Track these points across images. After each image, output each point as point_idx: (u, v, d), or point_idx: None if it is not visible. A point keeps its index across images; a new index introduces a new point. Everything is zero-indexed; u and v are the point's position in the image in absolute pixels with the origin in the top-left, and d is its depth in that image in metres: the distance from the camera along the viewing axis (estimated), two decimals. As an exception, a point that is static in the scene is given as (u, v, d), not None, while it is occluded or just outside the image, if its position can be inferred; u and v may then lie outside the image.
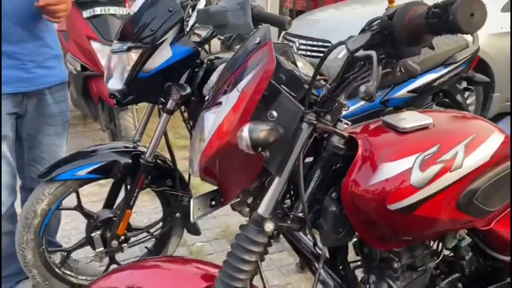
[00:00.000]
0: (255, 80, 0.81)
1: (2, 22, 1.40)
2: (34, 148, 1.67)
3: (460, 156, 0.92)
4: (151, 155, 1.63)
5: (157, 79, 1.52)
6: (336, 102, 0.85)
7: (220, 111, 0.87)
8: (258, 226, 0.88)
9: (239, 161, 0.88)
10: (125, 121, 2.89)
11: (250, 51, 0.87)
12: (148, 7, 1.48)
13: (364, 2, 4.23)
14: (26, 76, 1.51)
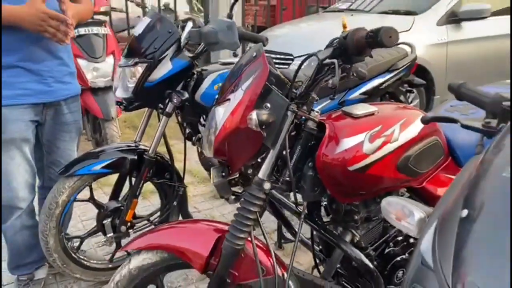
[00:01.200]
0: (255, 82, 1.17)
1: (28, 45, 1.67)
2: (52, 152, 1.92)
3: (397, 132, 1.32)
4: (153, 152, 1.94)
5: (159, 88, 1.85)
6: (310, 96, 1.22)
7: (229, 105, 1.22)
8: (259, 186, 1.23)
9: (244, 140, 1.22)
10: (110, 130, 3.17)
11: (249, 61, 1.23)
12: (151, 29, 1.82)
13: (317, 19, 4.71)
14: (47, 89, 1.76)
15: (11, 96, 1.68)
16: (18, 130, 1.73)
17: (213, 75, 1.97)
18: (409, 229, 1.04)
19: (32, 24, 1.55)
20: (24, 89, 1.70)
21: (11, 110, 1.69)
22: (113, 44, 3.31)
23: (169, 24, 1.83)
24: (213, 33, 1.73)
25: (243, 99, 1.18)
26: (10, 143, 1.73)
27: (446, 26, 3.84)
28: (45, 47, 1.71)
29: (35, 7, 1.54)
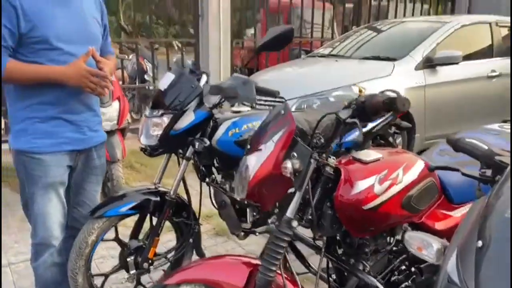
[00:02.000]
0: (284, 135, 1.39)
1: (70, 100, 1.85)
2: (78, 194, 2.05)
3: (401, 175, 1.55)
4: (174, 193, 2.12)
5: (182, 136, 2.05)
6: (329, 147, 1.45)
7: (260, 154, 1.43)
8: (288, 223, 1.43)
9: (275, 184, 1.43)
10: (116, 171, 3.33)
11: (277, 117, 1.45)
12: (175, 84, 2.04)
13: (302, 64, 5.04)
14: (82, 138, 1.93)
15: (53, 144, 1.85)
16: (57, 175, 1.89)
17: (227, 122, 2.19)
18: (428, 257, 1.26)
19: (77, 81, 1.76)
20: (64, 138, 1.87)
21: (52, 157, 1.85)
22: (118, 90, 3.51)
23: (191, 80, 2.06)
24: (233, 88, 1.96)
25: (275, 150, 1.40)
26: (50, 186, 1.88)
27: (423, 70, 4.20)
28: (82, 101, 1.90)
29: (78, 67, 1.76)
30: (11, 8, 1.69)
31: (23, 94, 1.80)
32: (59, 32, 1.76)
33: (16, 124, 1.84)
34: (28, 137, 1.82)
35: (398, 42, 4.71)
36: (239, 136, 2.16)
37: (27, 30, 1.71)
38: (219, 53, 5.82)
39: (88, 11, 1.89)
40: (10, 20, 1.69)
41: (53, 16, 1.75)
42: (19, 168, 1.88)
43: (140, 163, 4.55)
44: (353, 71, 4.25)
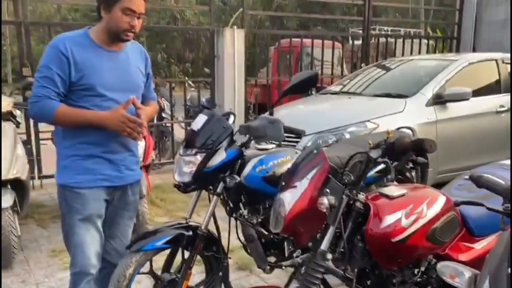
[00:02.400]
0: (318, 173, 1.53)
1: (110, 141, 2.00)
2: (112, 227, 2.18)
3: (425, 209, 1.67)
4: (205, 228, 2.23)
5: (214, 173, 2.18)
6: (359, 184, 1.58)
7: (296, 191, 1.56)
8: (322, 256, 1.53)
9: (311, 219, 1.55)
10: (142, 206, 3.45)
11: (310, 156, 1.59)
12: (207, 125, 2.19)
13: (315, 101, 5.20)
14: (119, 175, 2.07)
15: (92, 180, 2.00)
16: (95, 208, 2.03)
17: (254, 160, 2.32)
18: (460, 285, 1.35)
19: (115, 126, 1.93)
20: (103, 174, 2.02)
21: (91, 191, 2.00)
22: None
23: (223, 120, 2.22)
24: (261, 128, 2.11)
25: (309, 186, 1.53)
26: (88, 218, 2.01)
27: (434, 107, 4.35)
28: (121, 142, 2.06)
29: (118, 113, 1.93)
30: (64, 59, 1.89)
31: (68, 134, 1.98)
32: (104, 81, 1.95)
33: (61, 160, 2.02)
34: (70, 173, 1.98)
35: (408, 79, 4.89)
36: (266, 173, 2.29)
37: (77, 79, 1.90)
38: (234, 91, 6.04)
39: (133, 62, 2.08)
40: (63, 69, 1.89)
41: (101, 67, 1.94)
42: (62, 201, 2.04)
43: (160, 199, 4.67)
44: (365, 107, 4.41)
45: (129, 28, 1.94)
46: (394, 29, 14.80)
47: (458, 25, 8.08)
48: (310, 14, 16.87)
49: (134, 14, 1.93)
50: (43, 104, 1.88)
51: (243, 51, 6.04)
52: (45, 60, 1.90)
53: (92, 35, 1.98)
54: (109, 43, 1.99)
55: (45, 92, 1.87)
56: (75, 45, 1.92)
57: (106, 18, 1.94)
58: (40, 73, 1.90)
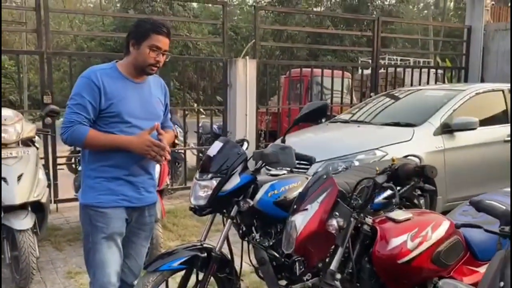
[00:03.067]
0: (328, 197, 1.63)
1: (132, 164, 2.14)
2: (127, 247, 2.28)
3: (430, 233, 1.75)
4: (219, 250, 2.33)
5: (229, 197, 2.30)
6: (366, 208, 1.68)
7: (306, 213, 1.66)
8: (332, 276, 1.62)
9: (321, 240, 1.65)
10: (156, 230, 3.54)
11: (320, 181, 1.70)
12: (223, 151, 2.32)
13: (325, 129, 5.30)
14: (139, 197, 2.21)
15: (115, 200, 2.13)
16: (117, 226, 2.16)
17: (266, 185, 2.43)
18: None
19: (141, 149, 2.08)
20: (124, 195, 2.16)
21: (113, 211, 2.13)
22: (159, 154, 3.82)
23: (237, 147, 2.34)
24: (274, 154, 2.23)
25: (319, 209, 1.63)
26: (111, 236, 2.13)
27: (441, 136, 4.44)
28: (142, 166, 2.20)
29: (143, 138, 2.08)
30: (96, 88, 2.06)
31: (94, 158, 2.13)
32: (130, 109, 2.12)
33: (87, 182, 2.15)
34: (95, 193, 2.12)
35: (416, 109, 5.00)
36: (278, 197, 2.40)
37: (106, 107, 2.08)
38: (245, 118, 6.20)
39: (155, 93, 2.26)
40: (94, 97, 2.06)
41: (127, 97, 2.12)
42: (85, 220, 2.16)
43: (173, 223, 4.77)
44: (374, 136, 4.52)
45: (155, 63, 2.12)
46: (404, 58, 15.04)
47: (466, 56, 8.24)
48: (320, 44, 17.29)
49: (159, 51, 2.11)
50: (75, 129, 2.02)
51: (255, 80, 6.23)
52: (78, 89, 2.07)
53: (120, 68, 2.16)
54: (135, 75, 2.16)
55: (78, 118, 2.03)
56: (106, 76, 2.09)
57: (134, 54, 2.12)
58: (73, 100, 2.06)
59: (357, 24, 19.88)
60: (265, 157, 2.28)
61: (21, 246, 3.13)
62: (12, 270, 3.31)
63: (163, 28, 2.13)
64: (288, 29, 8.61)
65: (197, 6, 24.16)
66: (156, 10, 18.83)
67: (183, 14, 19.37)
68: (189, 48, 19.22)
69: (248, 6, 27.53)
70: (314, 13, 22.74)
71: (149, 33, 2.09)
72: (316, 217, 1.61)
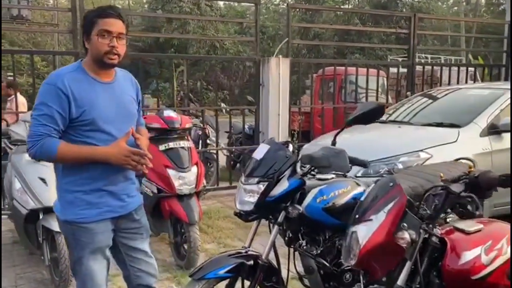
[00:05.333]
0: (396, 207, 1.50)
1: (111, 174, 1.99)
2: (130, 253, 2.18)
3: (505, 246, 1.60)
4: (266, 258, 2.22)
5: (276, 202, 2.19)
6: (437, 218, 1.54)
7: (371, 224, 1.54)
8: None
9: (387, 254, 1.52)
10: (193, 233, 3.48)
11: (385, 189, 1.57)
12: (270, 154, 2.21)
13: (362, 130, 5.13)
14: (122, 204, 2.07)
15: (98, 214, 2.00)
16: (103, 240, 2.04)
17: (315, 190, 2.30)
18: None
19: (119, 160, 1.93)
20: (107, 206, 2.02)
21: (97, 225, 2.00)
22: (196, 156, 3.75)
23: (285, 150, 2.23)
24: (326, 158, 2.10)
25: (387, 220, 1.50)
26: (97, 250, 2.03)
27: (488, 137, 4.21)
28: (122, 174, 2.05)
29: (120, 147, 1.93)
30: (63, 95, 1.86)
31: (69, 171, 1.97)
32: (103, 115, 1.94)
33: (64, 197, 2.00)
34: (76, 209, 1.97)
35: (460, 108, 4.78)
36: (326, 203, 2.27)
37: (77, 115, 1.89)
38: (278, 118, 6.08)
39: (127, 91, 2.09)
40: (62, 106, 1.87)
41: (98, 102, 1.93)
42: (68, 235, 2.06)
43: (207, 225, 4.70)
44: (416, 137, 4.33)
45: (110, 50, 1.91)
46: (434, 56, 14.63)
47: (507, 53, 7.89)
48: (348, 42, 17.01)
49: (111, 35, 1.91)
50: (44, 143, 1.85)
51: (288, 79, 6.11)
52: (43, 97, 1.88)
53: (86, 67, 1.97)
54: (100, 72, 1.97)
55: (46, 130, 1.85)
56: (73, 81, 1.90)
57: (89, 48, 1.94)
58: (39, 111, 1.88)
59: (386, 21, 19.45)
60: (315, 160, 2.16)
61: (60, 248, 3.10)
62: (52, 272, 3.30)
63: (109, 10, 1.95)
64: (321, 26, 8.49)
65: (223, 6, 24.17)
66: (184, 10, 18.91)
67: (210, 14, 19.38)
68: (216, 48, 19.21)
69: (275, 4, 27.37)
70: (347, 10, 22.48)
71: (95, 20, 1.91)
72: (382, 229, 1.49)
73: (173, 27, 19.50)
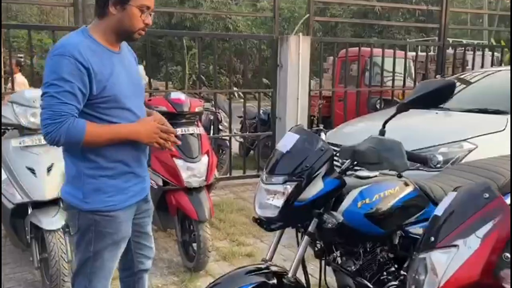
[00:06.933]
0: (498, 229, 1.03)
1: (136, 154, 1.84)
2: (139, 238, 2.04)
3: None
4: (293, 275, 1.77)
5: (307, 207, 1.72)
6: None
7: (457, 252, 1.06)
8: None
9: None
10: (204, 232, 3.05)
11: (477, 202, 1.09)
12: (300, 146, 1.73)
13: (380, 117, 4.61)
14: (143, 186, 1.94)
15: (126, 199, 1.83)
16: (127, 230, 1.88)
17: (355, 191, 1.83)
18: None
19: (149, 137, 1.78)
20: (133, 191, 1.87)
21: (124, 212, 1.83)
22: (207, 144, 3.29)
23: (321, 142, 1.75)
24: (374, 153, 1.63)
25: (482, 249, 1.03)
26: (120, 241, 1.86)
27: (541, 125, 3.67)
28: (143, 153, 1.91)
29: (150, 124, 1.80)
30: (84, 69, 1.64)
31: (93, 153, 1.75)
32: (123, 89, 1.76)
33: (88, 184, 1.77)
34: (102, 196, 1.78)
35: (505, 94, 4.21)
36: (370, 208, 1.80)
37: (98, 92, 1.69)
38: (297, 103, 5.59)
39: (132, 62, 1.93)
40: (83, 82, 1.64)
41: (116, 75, 1.74)
42: (87, 227, 1.81)
43: (219, 219, 4.27)
44: (458, 125, 3.82)
45: (144, 27, 1.78)
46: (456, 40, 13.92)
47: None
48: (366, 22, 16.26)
49: (148, 11, 1.76)
50: (70, 125, 1.62)
51: (308, 60, 5.59)
52: (60, 71, 1.62)
53: (95, 35, 1.74)
54: (113, 43, 1.79)
55: (69, 109, 1.62)
56: (90, 52, 1.68)
57: (118, 16, 1.72)
58: (56, 87, 1.62)
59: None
60: (359, 155, 1.68)
61: (51, 249, 2.70)
62: (43, 274, 2.90)
63: None
64: (343, 2, 7.91)
65: (237, -14, 23.44)
66: (196, -10, 18.33)
67: (223, -6, 18.73)
68: (229, 30, 18.59)
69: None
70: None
71: None
72: (476, 261, 1.02)
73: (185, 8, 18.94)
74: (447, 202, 1.20)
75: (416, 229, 1.91)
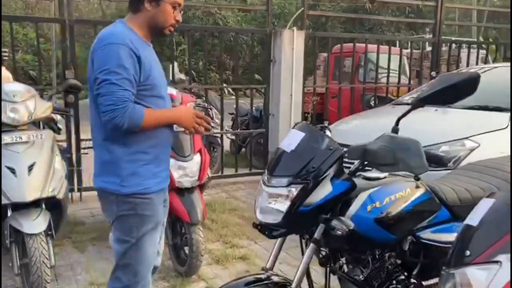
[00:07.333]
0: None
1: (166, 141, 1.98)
2: None
3: None
4: (297, 286, 1.62)
5: (315, 213, 1.57)
6: None
7: (500, 270, 0.92)
8: None
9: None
10: (196, 235, 2.89)
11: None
12: (306, 145, 1.58)
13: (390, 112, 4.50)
14: (167, 174, 2.04)
15: (158, 183, 1.92)
16: (161, 213, 1.99)
17: (364, 194, 1.69)
18: None
19: (188, 121, 1.90)
20: (163, 176, 1.97)
21: (157, 195, 1.93)
22: (199, 142, 3.12)
23: (328, 140, 1.60)
24: (388, 152, 1.48)
25: (530, 266, 0.89)
26: (157, 226, 1.95)
27: (544, 123, 3.58)
28: (171, 141, 2.04)
29: (189, 110, 1.96)
30: (135, 57, 1.75)
31: (134, 139, 1.83)
32: (160, 78, 1.93)
33: (127, 168, 1.85)
34: (139, 179, 1.86)
35: (505, 90, 4.11)
36: (380, 213, 1.66)
37: (143, 79, 1.79)
38: (291, 99, 5.43)
39: None
40: (135, 69, 1.75)
41: (154, 65, 1.88)
42: (129, 212, 1.87)
43: (211, 220, 4.11)
44: (459, 122, 3.70)
45: (174, 23, 1.91)
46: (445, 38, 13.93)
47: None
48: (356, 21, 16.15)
49: (179, 8, 1.90)
50: (132, 110, 1.73)
51: (302, 55, 5.44)
52: (119, 59, 1.72)
53: (134, 28, 1.85)
54: (147, 37, 1.91)
55: (129, 95, 1.73)
56: (136, 43, 1.79)
57: (152, 11, 1.84)
58: (116, 74, 1.71)
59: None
60: (371, 155, 1.53)
61: (32, 254, 2.51)
62: (23, 280, 2.71)
63: None
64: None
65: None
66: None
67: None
68: (219, 26, 18.37)
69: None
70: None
71: None
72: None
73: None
74: (482, 211, 1.05)
75: (428, 234, 1.79)
